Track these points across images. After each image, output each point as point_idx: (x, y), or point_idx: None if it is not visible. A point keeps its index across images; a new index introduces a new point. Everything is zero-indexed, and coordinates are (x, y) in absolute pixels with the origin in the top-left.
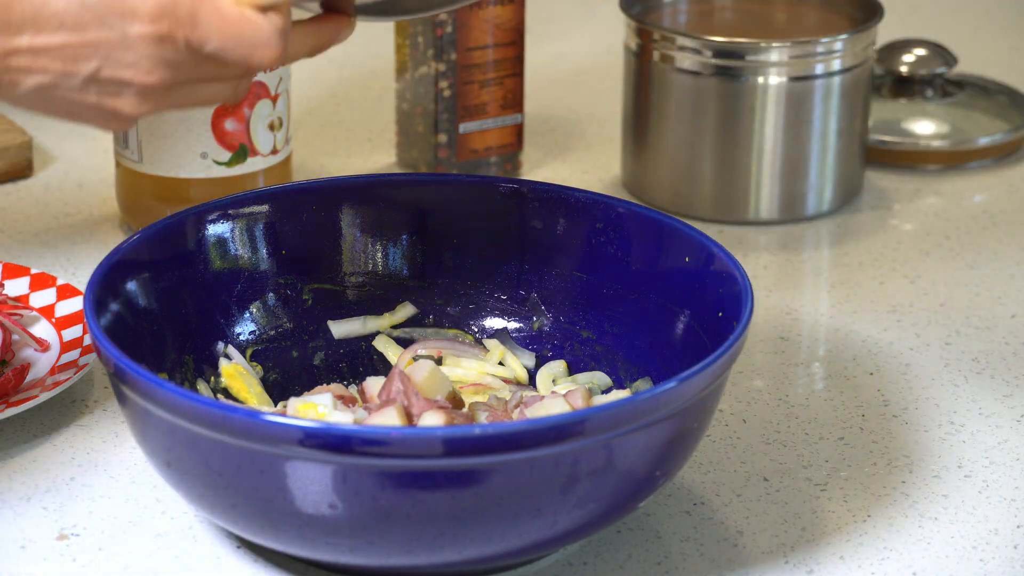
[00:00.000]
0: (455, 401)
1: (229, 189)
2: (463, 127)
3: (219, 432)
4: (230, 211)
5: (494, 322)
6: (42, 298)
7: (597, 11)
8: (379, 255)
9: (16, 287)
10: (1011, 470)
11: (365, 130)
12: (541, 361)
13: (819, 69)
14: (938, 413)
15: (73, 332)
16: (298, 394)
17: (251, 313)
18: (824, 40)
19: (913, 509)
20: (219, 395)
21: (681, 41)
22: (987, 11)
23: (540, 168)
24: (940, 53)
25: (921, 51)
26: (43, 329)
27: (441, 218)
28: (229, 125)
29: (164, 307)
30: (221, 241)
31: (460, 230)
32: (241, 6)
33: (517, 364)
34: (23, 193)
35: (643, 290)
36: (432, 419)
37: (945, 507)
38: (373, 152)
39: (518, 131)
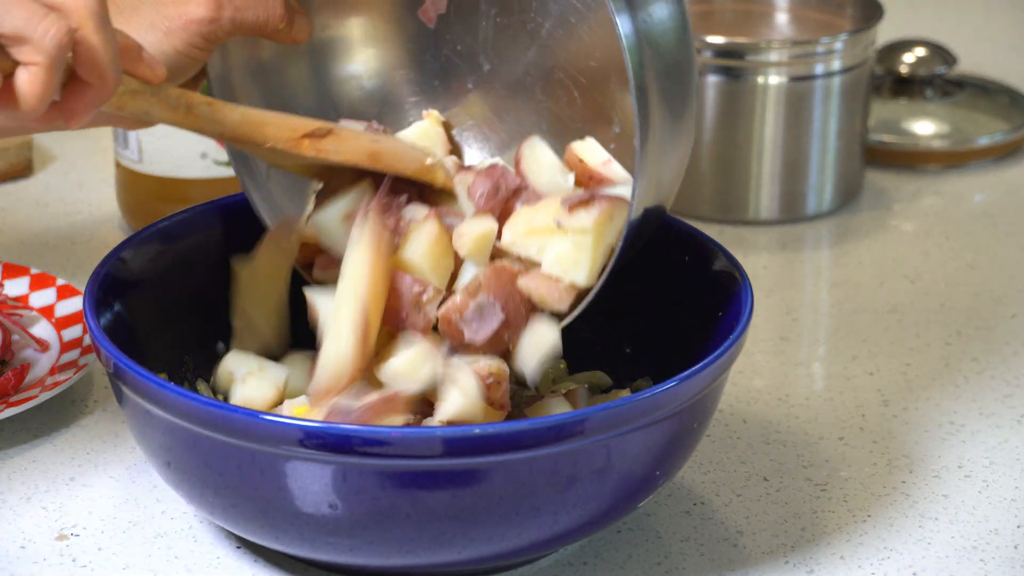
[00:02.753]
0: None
1: (229, 189)
2: None
3: (219, 432)
4: (230, 211)
5: None
6: (42, 298)
7: None
8: None
9: (16, 287)
10: (1011, 470)
11: None
12: None
13: (819, 69)
14: (938, 413)
15: (73, 332)
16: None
17: None
18: (824, 40)
19: (913, 509)
20: (219, 395)
21: None
22: (987, 11)
23: None
24: (940, 53)
25: (921, 51)
26: (43, 329)
27: None
28: None
29: (164, 307)
30: (221, 241)
31: None
32: None
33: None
34: (23, 193)
35: (643, 290)
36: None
37: (945, 507)
38: None
39: None
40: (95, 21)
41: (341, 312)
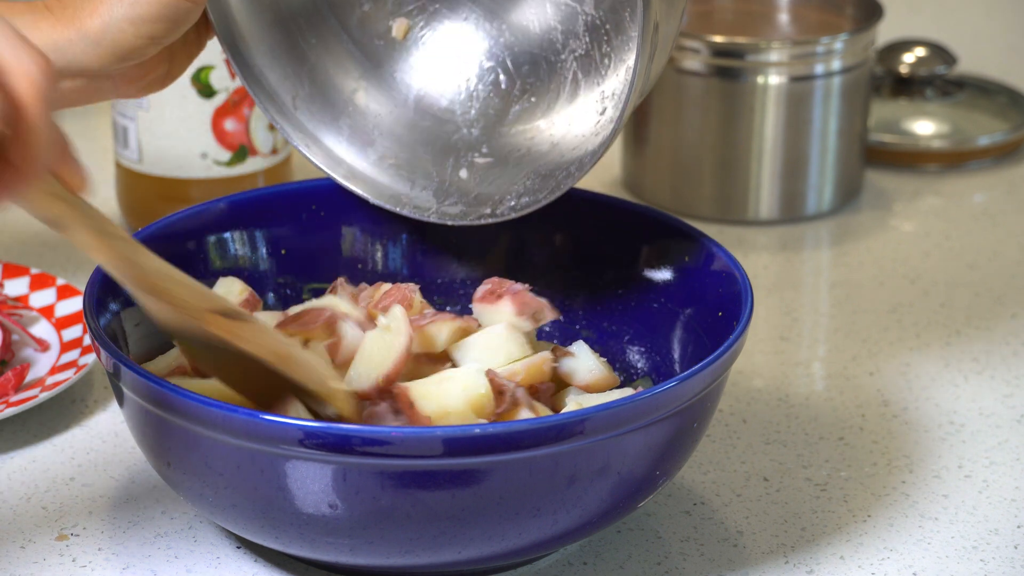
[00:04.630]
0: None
1: (229, 189)
2: None
3: (219, 432)
4: (230, 211)
5: None
6: (42, 298)
7: None
8: (378, 255)
9: (16, 287)
10: (1011, 470)
11: None
12: None
13: (819, 69)
14: (938, 413)
15: (73, 332)
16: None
17: None
18: (824, 40)
19: (913, 509)
20: None
21: (681, 41)
22: (987, 11)
23: None
24: (940, 53)
25: (921, 51)
26: (43, 329)
27: None
28: (229, 125)
29: None
30: (221, 241)
31: (459, 230)
32: None
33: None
34: None
35: (643, 290)
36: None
37: (945, 507)
38: None
39: None
40: (40, 102)
41: None
